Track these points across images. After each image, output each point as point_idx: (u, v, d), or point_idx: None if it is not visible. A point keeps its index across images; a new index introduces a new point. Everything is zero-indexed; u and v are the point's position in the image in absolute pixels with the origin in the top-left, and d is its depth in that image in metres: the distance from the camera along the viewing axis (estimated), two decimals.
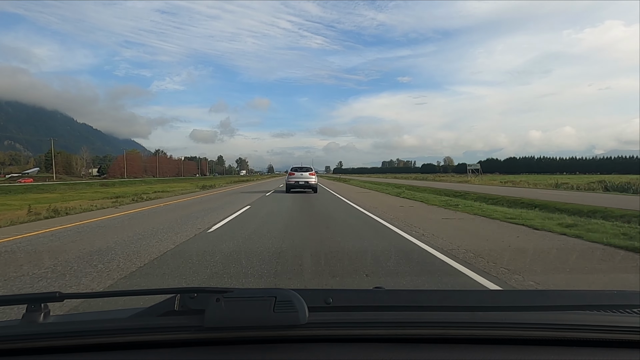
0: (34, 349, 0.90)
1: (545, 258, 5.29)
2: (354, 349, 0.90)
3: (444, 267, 4.73)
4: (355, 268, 4.64)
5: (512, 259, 5.10)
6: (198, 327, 0.88)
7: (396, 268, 4.64)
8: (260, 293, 0.95)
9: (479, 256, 5.25)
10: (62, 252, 5.68)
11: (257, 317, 0.88)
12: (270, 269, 4.56)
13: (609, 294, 1.27)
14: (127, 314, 1.01)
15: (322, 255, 5.26)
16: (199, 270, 4.56)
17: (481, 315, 0.97)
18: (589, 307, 1.06)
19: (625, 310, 1.03)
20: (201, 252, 5.58)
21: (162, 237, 6.90)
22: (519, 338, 0.92)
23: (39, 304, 0.96)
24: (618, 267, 4.76)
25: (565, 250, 5.67)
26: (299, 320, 0.87)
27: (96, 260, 5.13)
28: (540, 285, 3.90)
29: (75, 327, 0.96)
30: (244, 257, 5.19)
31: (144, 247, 6.04)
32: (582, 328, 0.92)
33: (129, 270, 4.60)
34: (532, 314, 1.00)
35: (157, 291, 1.02)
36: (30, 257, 5.43)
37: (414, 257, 5.22)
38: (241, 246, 5.99)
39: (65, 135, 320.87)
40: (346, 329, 0.93)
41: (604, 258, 5.19)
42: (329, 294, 1.00)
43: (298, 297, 0.91)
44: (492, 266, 4.71)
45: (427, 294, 1.30)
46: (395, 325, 0.93)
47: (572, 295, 1.25)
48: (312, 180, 20.01)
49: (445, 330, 0.93)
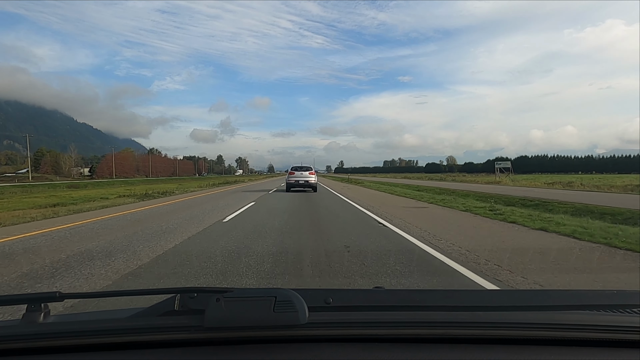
0: (34, 348, 0.90)
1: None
2: (354, 348, 0.90)
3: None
4: None
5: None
6: (198, 327, 0.88)
7: None
8: (260, 293, 0.95)
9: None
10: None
11: (257, 317, 0.88)
12: None
13: (609, 293, 1.27)
14: (127, 313, 1.01)
15: None
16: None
17: (481, 315, 0.97)
18: (590, 307, 1.06)
19: (626, 310, 1.03)
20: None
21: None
22: (520, 338, 0.92)
23: (39, 304, 0.96)
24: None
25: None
26: (299, 320, 0.87)
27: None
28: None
29: (75, 327, 0.96)
30: None
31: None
32: (582, 328, 0.92)
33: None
34: (532, 313, 1.00)
35: (157, 291, 1.02)
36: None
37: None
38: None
39: (65, 135, 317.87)
40: (346, 328, 0.93)
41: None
42: (329, 294, 1.00)
43: (298, 297, 0.91)
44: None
45: (427, 294, 1.30)
46: (395, 325, 0.93)
47: (572, 294, 1.25)
48: (312, 179, 20.44)
49: (446, 330, 0.93)
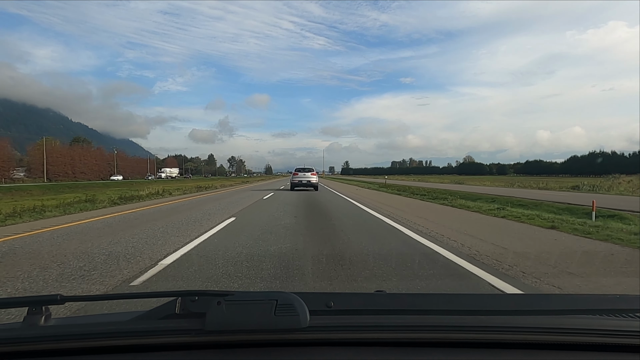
0: (35, 351, 0.89)
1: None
2: (355, 352, 0.90)
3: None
4: None
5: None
6: (199, 330, 0.87)
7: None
8: (261, 296, 0.96)
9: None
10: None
11: (258, 321, 0.88)
12: None
13: (611, 298, 1.27)
14: (128, 317, 1.01)
15: None
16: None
17: (483, 319, 0.98)
18: (591, 311, 1.06)
19: (628, 314, 1.03)
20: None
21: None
22: (521, 342, 0.92)
23: (40, 307, 0.96)
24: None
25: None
26: (300, 323, 0.87)
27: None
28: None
29: (77, 329, 0.96)
30: None
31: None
32: (584, 332, 0.92)
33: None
34: (534, 317, 1.00)
35: (158, 294, 1.02)
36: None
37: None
38: None
39: (58, 135, 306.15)
40: (347, 332, 0.93)
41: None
42: (330, 298, 1.00)
43: (299, 301, 0.91)
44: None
45: (428, 298, 1.30)
46: (396, 329, 0.94)
47: (573, 299, 1.25)
48: (313, 179, 22.93)
49: (447, 334, 0.93)
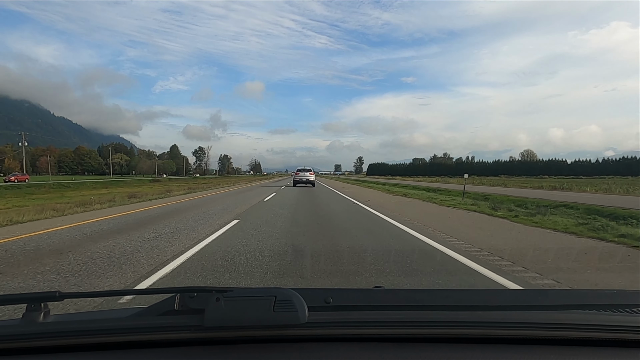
0: (33, 348, 0.90)
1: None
2: (354, 348, 0.91)
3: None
4: None
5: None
6: (198, 327, 0.88)
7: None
8: (260, 292, 0.95)
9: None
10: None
11: (257, 317, 0.88)
12: None
13: (610, 293, 1.28)
14: (127, 313, 1.01)
15: None
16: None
17: (481, 314, 0.98)
18: (590, 307, 1.06)
19: (626, 309, 1.03)
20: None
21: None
22: (520, 337, 0.92)
23: (39, 304, 0.96)
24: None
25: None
26: (299, 319, 0.88)
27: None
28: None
29: (75, 326, 0.96)
30: None
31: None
32: (583, 327, 0.92)
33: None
34: (532, 313, 1.00)
35: (157, 290, 1.02)
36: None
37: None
38: None
39: (34, 130, 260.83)
40: (346, 328, 0.93)
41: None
42: (328, 294, 1.01)
43: (298, 297, 0.92)
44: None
45: (426, 293, 1.30)
46: (395, 324, 0.94)
47: (572, 294, 1.24)
48: (311, 178, 29.11)
49: (446, 329, 0.93)
